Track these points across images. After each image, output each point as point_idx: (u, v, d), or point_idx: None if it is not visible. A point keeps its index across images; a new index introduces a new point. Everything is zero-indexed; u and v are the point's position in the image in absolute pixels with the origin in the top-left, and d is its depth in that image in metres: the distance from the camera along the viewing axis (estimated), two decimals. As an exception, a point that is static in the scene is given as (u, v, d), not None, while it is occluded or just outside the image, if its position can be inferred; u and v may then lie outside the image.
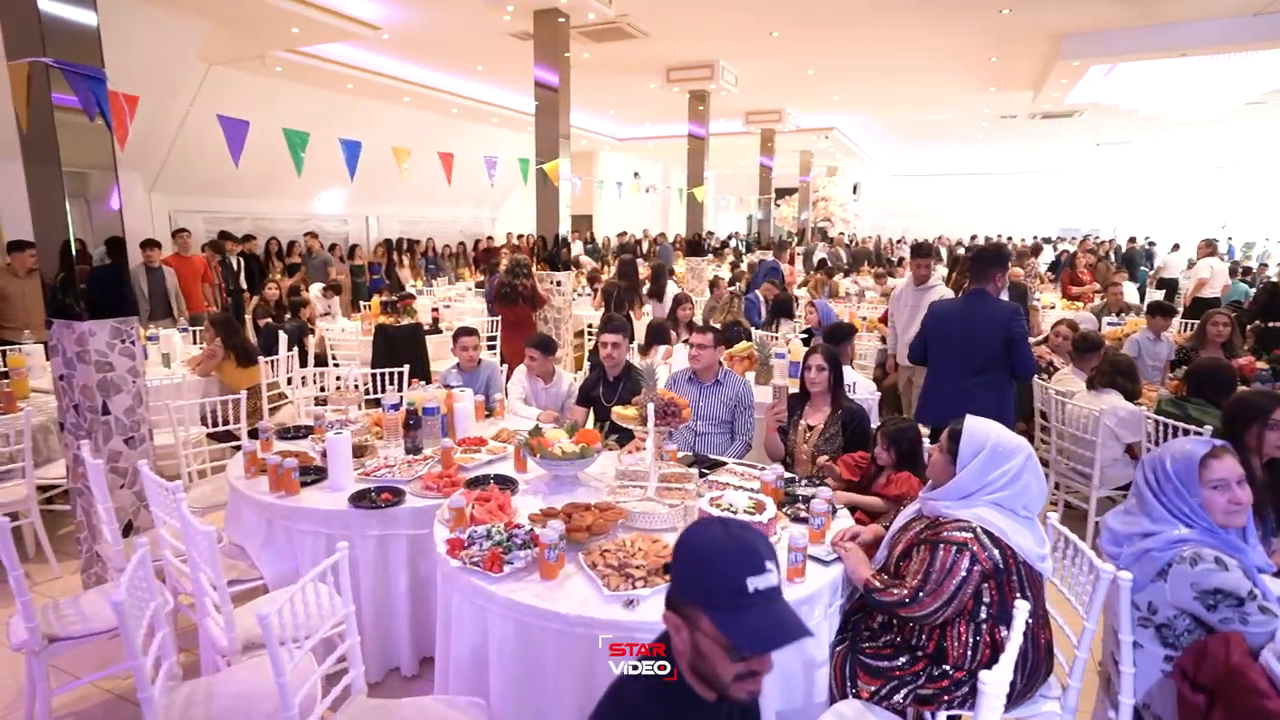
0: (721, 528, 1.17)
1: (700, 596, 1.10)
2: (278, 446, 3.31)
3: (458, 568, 2.09)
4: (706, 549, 1.13)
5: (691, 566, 1.13)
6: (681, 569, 1.16)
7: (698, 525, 1.21)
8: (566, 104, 6.46)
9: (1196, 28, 7.47)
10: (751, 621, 1.06)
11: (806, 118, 14.35)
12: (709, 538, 1.14)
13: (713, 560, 1.11)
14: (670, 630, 1.15)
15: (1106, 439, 3.69)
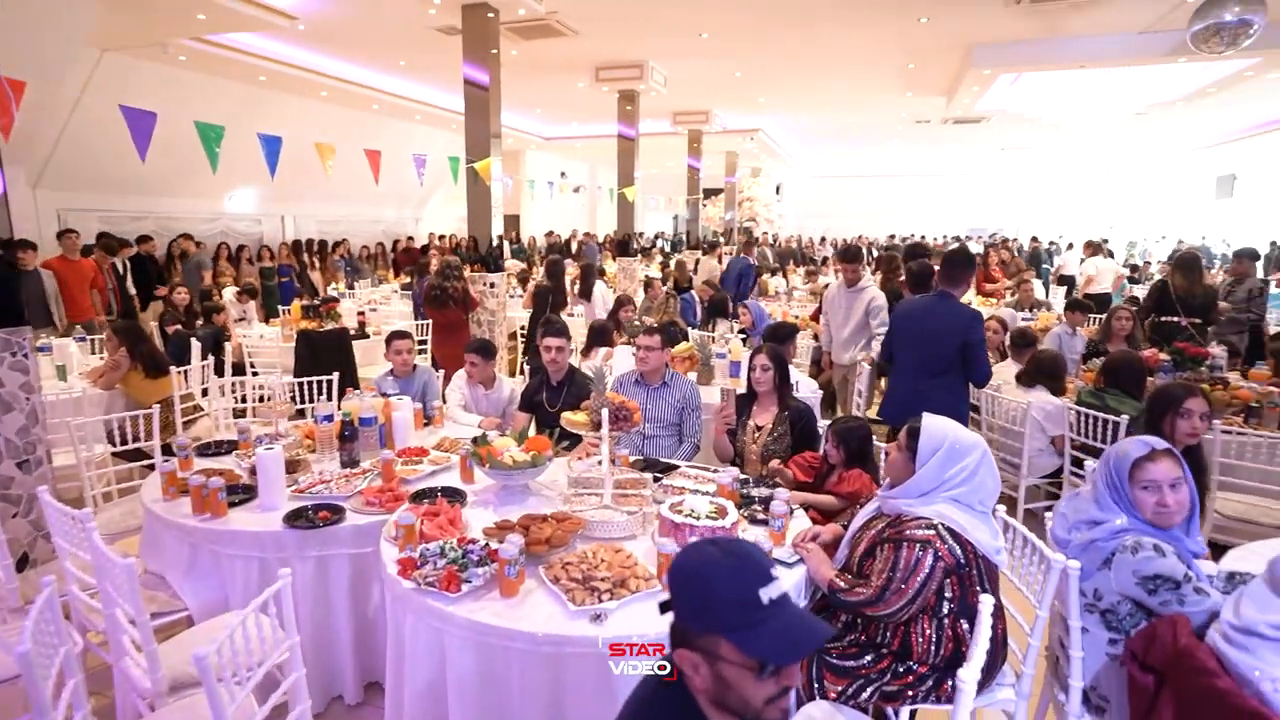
0: (714, 547, 1.11)
1: (715, 623, 1.04)
2: (199, 464, 3.07)
3: (411, 589, 1.97)
4: (709, 572, 1.07)
5: (697, 594, 1.07)
6: (686, 600, 1.09)
7: (688, 552, 1.14)
8: (497, 102, 6.31)
9: (1094, 42, 8.00)
10: (774, 632, 1.01)
11: (733, 119, 14.58)
12: (707, 560, 1.09)
13: (719, 582, 1.05)
14: (686, 670, 1.07)
15: (1034, 431, 3.88)
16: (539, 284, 6.27)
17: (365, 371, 6.56)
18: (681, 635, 1.08)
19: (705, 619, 1.05)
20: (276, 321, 7.41)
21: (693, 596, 1.07)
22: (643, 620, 1.85)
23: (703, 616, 1.05)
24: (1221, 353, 4.45)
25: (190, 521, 2.55)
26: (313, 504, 2.63)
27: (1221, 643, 1.51)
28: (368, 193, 12.82)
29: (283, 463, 2.69)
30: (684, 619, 1.09)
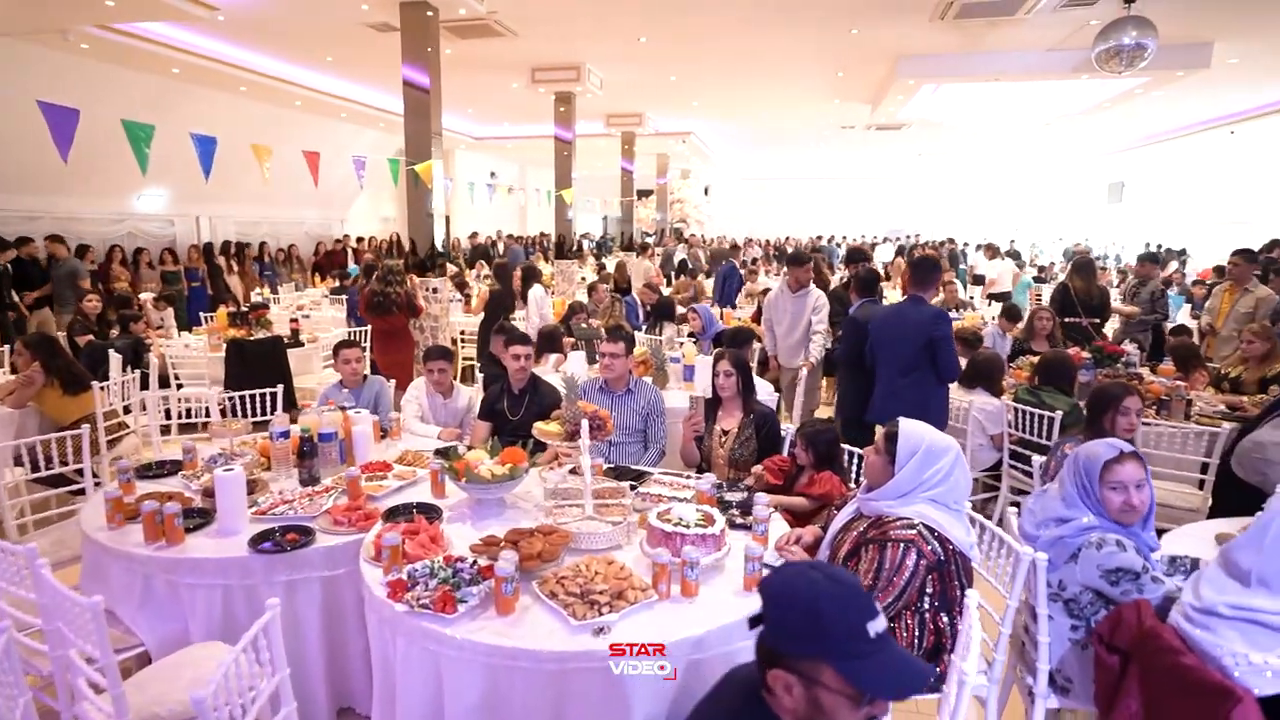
0: (818, 573, 1.12)
1: (821, 648, 1.05)
2: (141, 488, 2.88)
3: (404, 612, 1.92)
4: (819, 599, 1.07)
5: (804, 618, 1.07)
6: (789, 623, 1.09)
7: (793, 576, 1.14)
8: (438, 103, 6.16)
9: (1008, 57, 8.52)
10: (882, 667, 1.04)
11: (665, 121, 14.72)
12: (815, 585, 1.09)
13: (830, 610, 1.06)
14: (778, 689, 1.08)
15: (975, 429, 4.11)
16: (491, 288, 6.16)
17: (301, 381, 6.30)
18: (776, 655, 1.09)
19: (812, 644, 1.05)
20: (199, 330, 7.00)
21: (799, 621, 1.07)
22: (644, 631, 1.87)
23: (809, 642, 1.06)
24: (1134, 350, 4.83)
25: (143, 551, 2.39)
26: (278, 526, 2.51)
27: (1184, 623, 1.65)
28: (292, 193, 12.29)
29: (244, 484, 2.55)
30: (783, 640, 1.09)
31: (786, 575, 1.16)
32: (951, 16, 7.01)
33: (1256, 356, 4.67)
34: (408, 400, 4.00)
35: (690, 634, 1.89)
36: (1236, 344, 5.77)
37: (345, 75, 10.07)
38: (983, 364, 4.23)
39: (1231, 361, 4.97)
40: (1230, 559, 1.64)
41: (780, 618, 1.10)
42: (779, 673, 1.08)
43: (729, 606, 2.02)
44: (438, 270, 6.41)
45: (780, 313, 5.44)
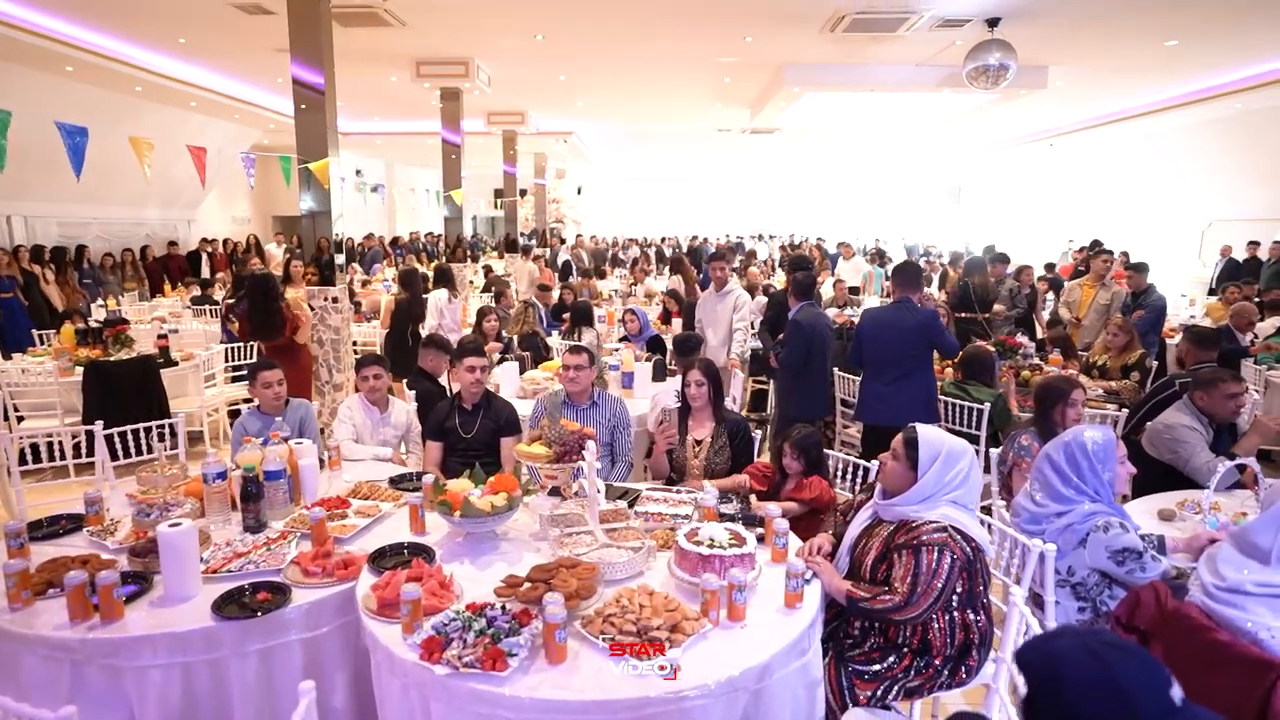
0: (1108, 650, 1.03)
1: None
2: (38, 553, 2.38)
3: (447, 675, 1.70)
4: (1125, 685, 0.99)
5: (1112, 702, 0.99)
6: (1091, 709, 0.99)
7: (1083, 662, 1.03)
8: (333, 96, 5.64)
9: (883, 70, 9.15)
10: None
11: (547, 121, 14.47)
12: (1114, 670, 1.00)
13: (1136, 687, 0.99)
14: None
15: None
16: (396, 297, 5.71)
17: (178, 406, 5.54)
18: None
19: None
20: (37, 351, 5.96)
21: (1105, 703, 1.00)
22: (711, 664, 1.78)
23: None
24: (1030, 343, 5.33)
25: (69, 633, 1.97)
26: (244, 584, 2.17)
27: (1210, 602, 1.81)
28: (129, 191, 10.84)
29: (196, 540, 2.17)
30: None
31: (1079, 664, 1.04)
32: (841, 30, 7.40)
33: (1118, 346, 5.30)
34: (340, 421, 3.62)
35: (756, 661, 1.82)
36: (1098, 333, 6.55)
37: (201, 60, 9.01)
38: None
39: (1097, 350, 5.61)
40: (1246, 540, 1.81)
41: (1076, 704, 1.01)
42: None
43: (780, 628, 1.98)
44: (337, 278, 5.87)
45: (708, 311, 5.50)
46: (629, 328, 6.16)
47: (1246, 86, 9.74)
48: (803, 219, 25.43)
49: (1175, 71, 9.58)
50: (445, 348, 4.44)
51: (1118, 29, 7.62)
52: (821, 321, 4.69)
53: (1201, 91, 10.39)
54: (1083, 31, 7.67)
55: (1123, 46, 8.34)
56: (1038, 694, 1.05)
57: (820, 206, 25.82)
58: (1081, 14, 7.08)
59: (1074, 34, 7.75)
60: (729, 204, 26.69)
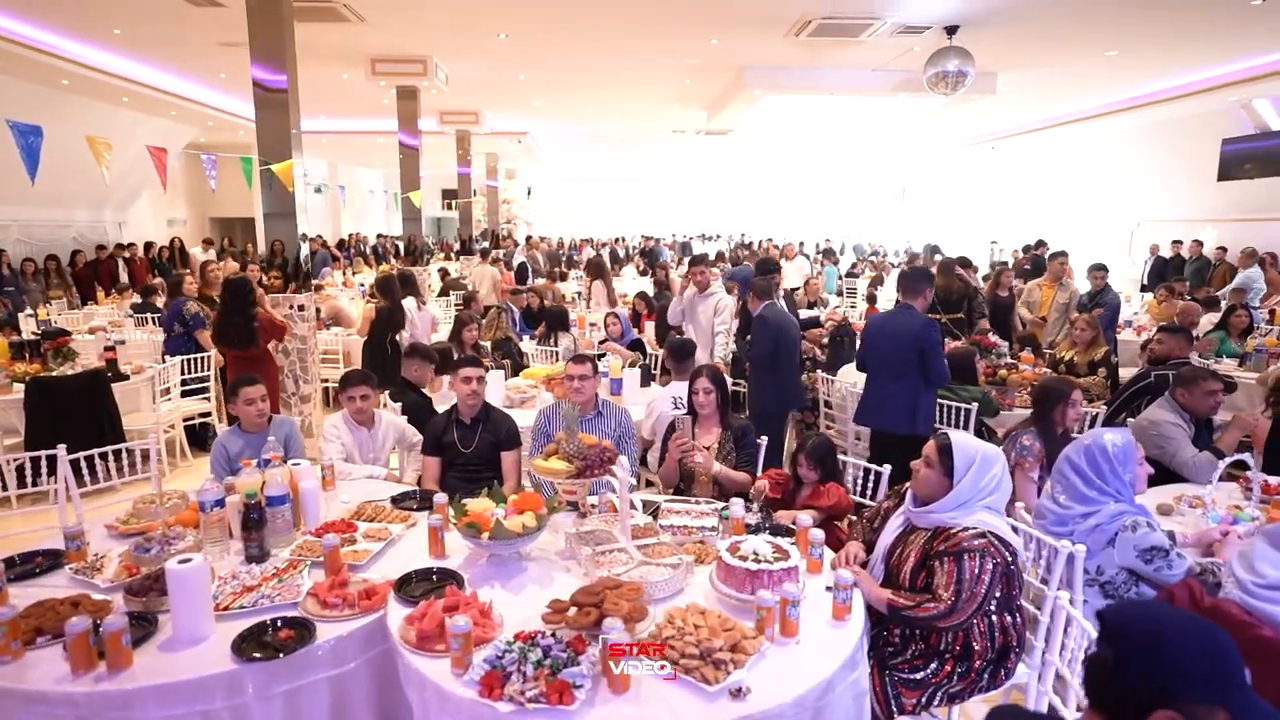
0: (1200, 616, 1.10)
1: (1224, 694, 1.00)
2: (18, 594, 2.18)
3: (511, 712, 1.62)
4: (1223, 645, 1.03)
5: (1211, 661, 1.02)
6: (1191, 669, 1.02)
7: (1159, 612, 1.10)
8: (295, 94, 5.38)
9: (841, 73, 9.32)
10: (1263, 714, 1.01)
11: (502, 121, 14.23)
12: (1211, 632, 1.05)
13: (1231, 657, 1.02)
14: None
15: (896, 421, 4.43)
16: (376, 304, 5.48)
17: (130, 423, 5.21)
18: (1182, 698, 1.01)
19: (1215, 690, 1.01)
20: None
21: (1207, 663, 1.03)
22: (774, 682, 1.75)
23: (1213, 688, 1.01)
24: (1003, 343, 5.50)
25: (76, 687, 1.80)
26: (264, 620, 2.02)
27: (1250, 599, 1.87)
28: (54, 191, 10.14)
29: (208, 577, 2.02)
30: (1191, 685, 1.02)
31: (1166, 614, 1.12)
32: (806, 34, 7.50)
33: (1085, 342, 5.52)
34: (328, 440, 3.44)
35: (820, 677, 1.80)
36: (1059, 331, 6.82)
37: (136, 53, 8.48)
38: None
39: (1064, 347, 5.83)
40: (1276, 538, 1.89)
41: (1178, 659, 1.04)
42: (1167, 713, 1.01)
43: (835, 640, 1.96)
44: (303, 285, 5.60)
45: (692, 315, 5.49)
46: (610, 331, 6.08)
47: (1176, 95, 10.33)
48: (752, 219, 25.69)
49: (1113, 80, 10.07)
50: (430, 358, 4.29)
51: (1063, 39, 7.96)
52: (787, 318, 4.77)
53: (1135, 99, 10.97)
54: (1032, 41, 7.98)
55: (1066, 55, 8.72)
56: (1131, 654, 1.07)
57: (769, 207, 26.15)
58: (1032, 25, 7.36)
59: (1024, 43, 8.05)
60: (679, 205, 26.73)
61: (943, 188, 21.04)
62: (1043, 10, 6.90)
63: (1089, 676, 1.15)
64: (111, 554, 2.45)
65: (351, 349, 7.33)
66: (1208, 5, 6.70)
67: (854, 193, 25.31)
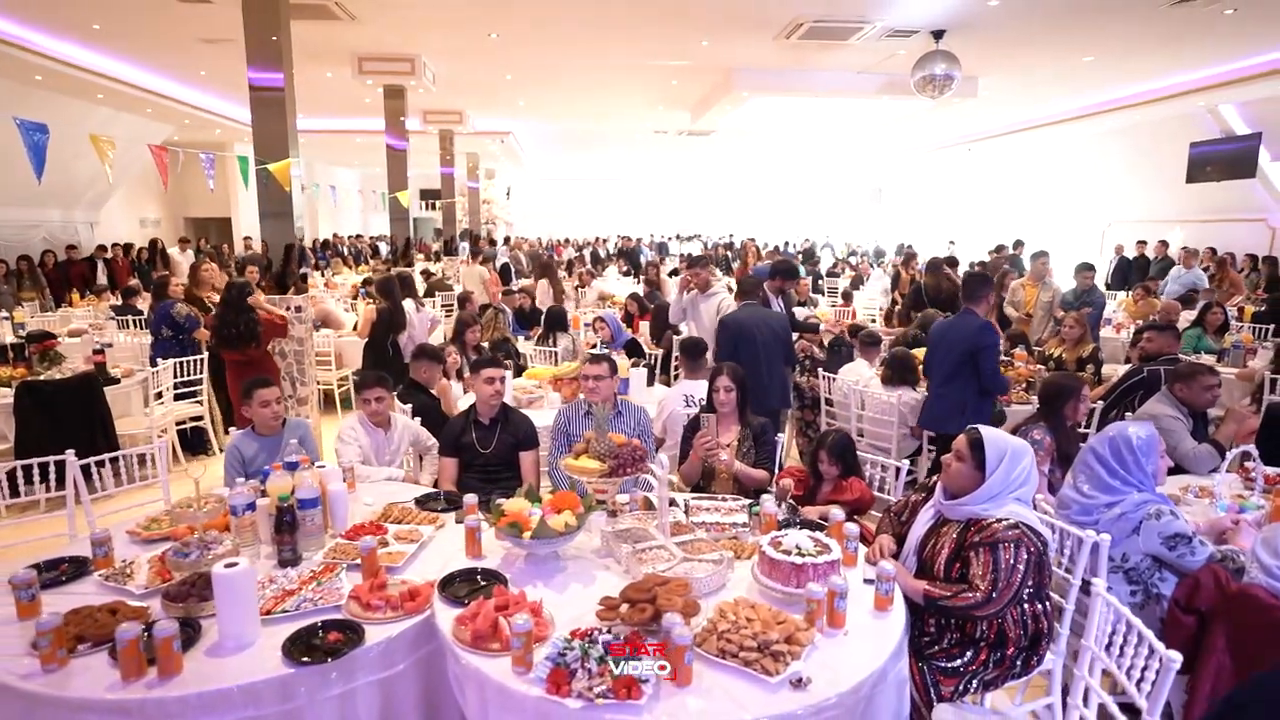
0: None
1: None
2: (48, 603, 2.13)
3: (581, 708, 1.63)
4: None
5: None
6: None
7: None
8: (292, 92, 5.30)
9: (827, 76, 9.44)
10: None
11: (486, 121, 14.15)
12: None
13: None
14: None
15: (900, 421, 4.51)
16: (378, 305, 5.42)
17: (122, 428, 5.11)
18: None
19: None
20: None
21: None
22: (830, 672, 1.79)
23: None
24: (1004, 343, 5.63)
25: (128, 694, 1.77)
26: (314, 623, 2.01)
27: (1276, 583, 1.96)
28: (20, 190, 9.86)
29: (254, 581, 2.00)
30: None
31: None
32: (797, 37, 7.58)
33: (1073, 340, 5.67)
34: (345, 443, 3.41)
35: (874, 667, 1.85)
36: (1044, 329, 6.99)
37: (114, 49, 8.29)
38: (901, 361, 4.65)
39: (1052, 345, 5.99)
40: (1299, 524, 1.98)
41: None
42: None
43: (882, 630, 2.01)
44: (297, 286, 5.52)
45: (695, 316, 5.52)
46: (600, 335, 6.09)
47: (1148, 99, 10.64)
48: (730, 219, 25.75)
49: (1088, 84, 10.34)
50: (438, 359, 4.28)
51: (1044, 44, 8.15)
52: (755, 320, 4.67)
53: (1109, 102, 11.28)
54: (1014, 45, 8.16)
55: (1045, 60, 8.94)
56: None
57: (748, 207, 26.24)
58: (1014, 30, 7.53)
59: (1006, 48, 8.23)
60: (657, 205, 26.69)
61: (919, 188, 21.39)
62: (1025, 16, 7.06)
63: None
64: (139, 560, 2.41)
65: (344, 350, 7.26)
66: (1181, 14, 6.91)
67: (831, 193, 25.53)
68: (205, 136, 13.55)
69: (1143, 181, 13.54)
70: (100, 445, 4.47)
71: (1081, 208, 15.22)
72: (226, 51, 8.12)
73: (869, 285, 12.13)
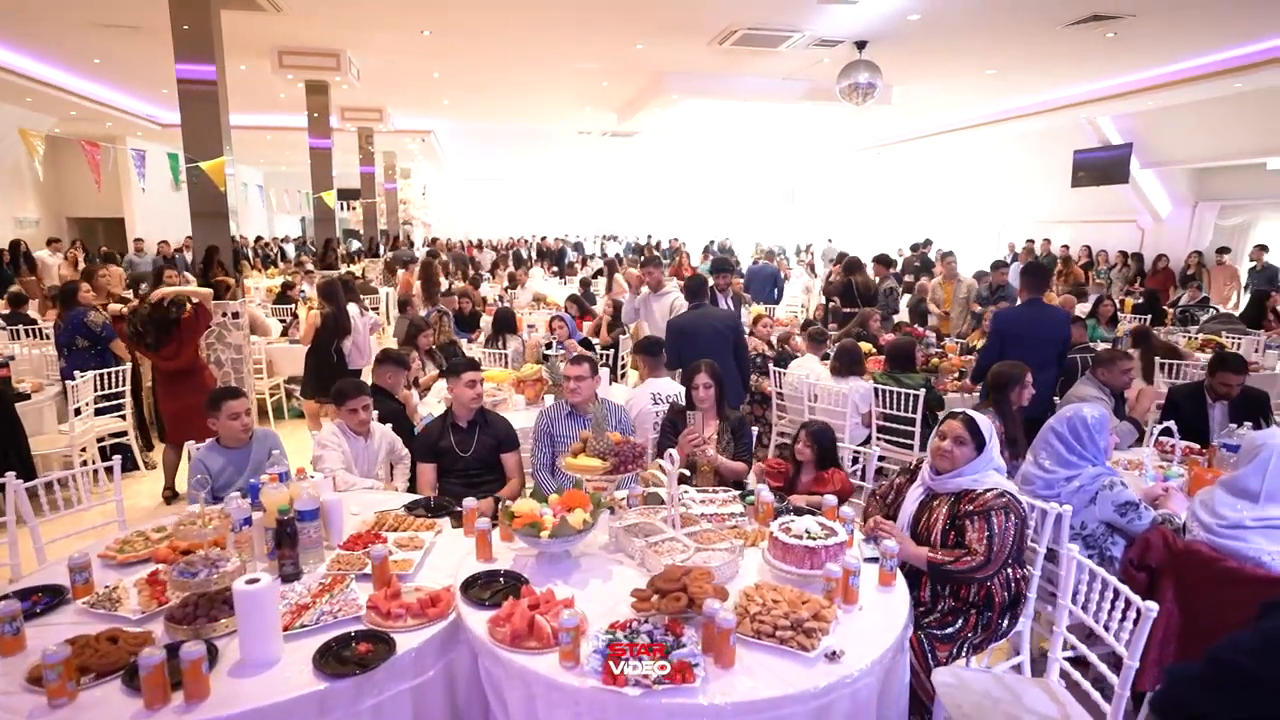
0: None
1: None
2: (34, 636, 1.99)
3: (640, 695, 1.69)
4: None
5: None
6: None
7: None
8: (224, 87, 5.01)
9: (753, 81, 9.76)
10: None
11: (406, 119, 13.74)
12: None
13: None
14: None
15: (851, 410, 4.77)
16: (321, 310, 5.19)
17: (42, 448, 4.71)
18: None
19: None
20: None
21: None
22: (862, 647, 1.92)
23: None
24: (930, 333, 6.01)
25: (151, 722, 1.69)
26: (341, 634, 1.98)
27: (1215, 539, 2.25)
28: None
29: (276, 598, 1.94)
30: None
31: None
32: (730, 43, 7.82)
33: (994, 331, 6.14)
34: (329, 450, 3.29)
35: (894, 635, 2.00)
36: (963, 321, 7.51)
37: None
38: (848, 353, 4.90)
39: (974, 337, 6.47)
40: (1235, 486, 2.28)
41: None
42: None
43: (890, 605, 2.16)
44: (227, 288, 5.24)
45: (648, 315, 5.62)
46: (558, 334, 6.10)
47: (1040, 110, 11.61)
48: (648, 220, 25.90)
49: (989, 95, 11.17)
50: (403, 364, 4.18)
51: (952, 57, 8.76)
52: (700, 321, 4.77)
53: (1006, 112, 12.21)
54: (927, 57, 8.71)
55: (953, 72, 9.59)
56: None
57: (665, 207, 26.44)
58: (929, 43, 8.05)
59: (920, 59, 8.77)
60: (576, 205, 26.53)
61: (831, 190, 22.34)
62: (939, 31, 7.57)
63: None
64: (123, 584, 2.28)
65: (275, 357, 6.93)
66: (1071, 34, 7.60)
67: (745, 194, 26.15)
68: (93, 129, 12.50)
69: (1034, 185, 14.72)
70: (12, 465, 4.09)
71: (980, 209, 16.36)
72: (127, 38, 7.57)
73: (790, 284, 12.62)
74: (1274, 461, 2.22)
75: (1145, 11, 6.85)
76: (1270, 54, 8.20)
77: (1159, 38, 7.86)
